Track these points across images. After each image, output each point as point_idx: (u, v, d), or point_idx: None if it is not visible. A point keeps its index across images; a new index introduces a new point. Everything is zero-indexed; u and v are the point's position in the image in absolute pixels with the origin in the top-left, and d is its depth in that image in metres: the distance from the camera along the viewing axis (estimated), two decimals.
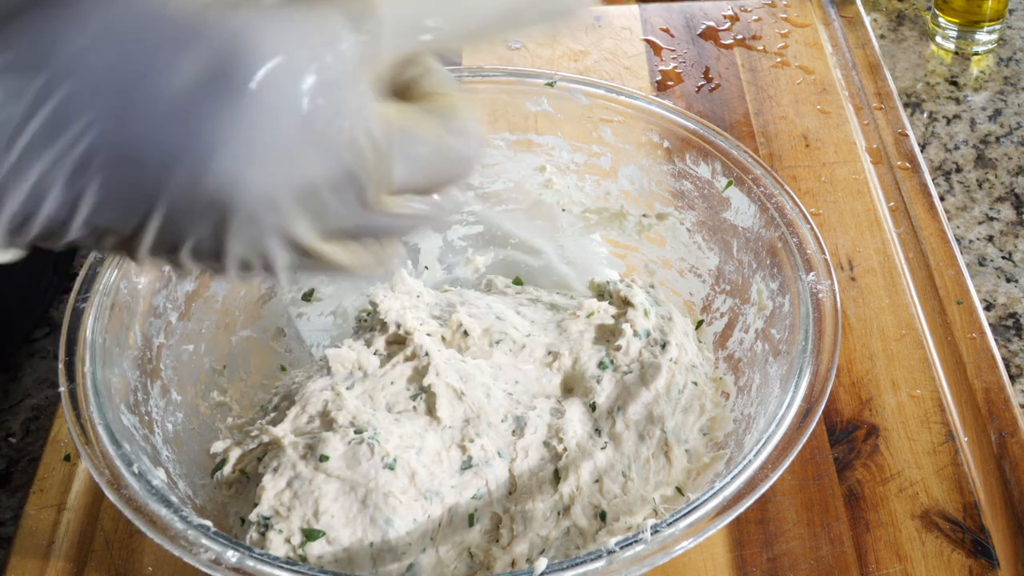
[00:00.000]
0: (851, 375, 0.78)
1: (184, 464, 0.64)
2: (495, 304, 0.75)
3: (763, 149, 0.97)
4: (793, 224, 0.69)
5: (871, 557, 0.68)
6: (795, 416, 0.59)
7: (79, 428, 0.58)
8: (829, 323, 0.63)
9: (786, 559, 0.68)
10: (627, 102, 0.77)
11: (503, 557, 0.62)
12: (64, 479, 0.73)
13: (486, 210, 0.84)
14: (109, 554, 0.69)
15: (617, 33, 1.12)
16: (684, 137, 0.75)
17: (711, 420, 0.70)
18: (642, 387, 0.69)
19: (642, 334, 0.71)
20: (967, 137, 1.02)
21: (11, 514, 0.76)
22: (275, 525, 0.61)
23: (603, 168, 0.80)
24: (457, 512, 0.64)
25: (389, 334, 0.69)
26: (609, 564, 0.52)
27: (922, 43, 1.14)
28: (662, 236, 0.79)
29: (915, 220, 0.89)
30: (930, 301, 0.83)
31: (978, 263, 0.91)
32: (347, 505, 0.61)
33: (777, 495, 0.71)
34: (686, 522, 0.54)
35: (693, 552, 0.68)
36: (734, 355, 0.72)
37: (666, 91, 1.04)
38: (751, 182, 0.72)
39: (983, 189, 0.97)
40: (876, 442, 0.74)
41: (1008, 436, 0.74)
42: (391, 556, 0.61)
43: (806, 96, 1.02)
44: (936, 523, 0.69)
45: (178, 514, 0.54)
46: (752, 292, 0.72)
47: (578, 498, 0.65)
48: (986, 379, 0.77)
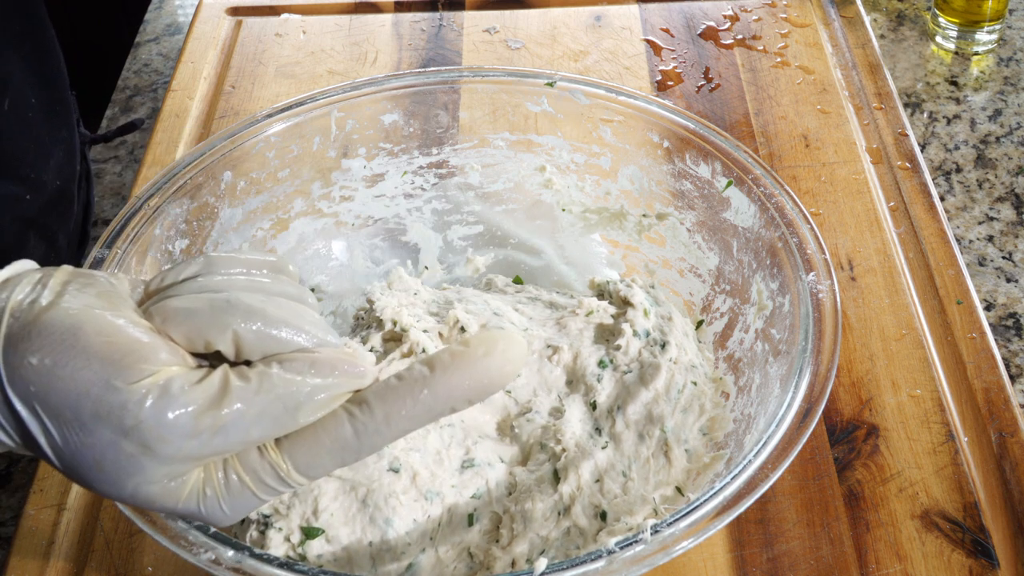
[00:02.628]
0: (851, 375, 0.78)
1: None
2: (493, 301, 0.75)
3: (763, 149, 0.97)
4: (793, 224, 0.69)
5: (871, 557, 0.68)
6: (795, 416, 0.59)
7: None
8: (829, 323, 0.63)
9: (786, 559, 0.68)
10: (627, 102, 0.77)
11: (503, 557, 0.62)
12: (64, 479, 0.73)
13: (486, 210, 0.84)
14: (109, 554, 0.69)
15: (617, 33, 1.12)
16: (684, 137, 0.75)
17: (711, 420, 0.70)
18: (641, 387, 0.69)
19: (642, 334, 0.72)
20: (967, 137, 1.02)
21: (11, 514, 0.76)
22: (274, 523, 0.61)
23: (603, 168, 0.80)
24: (457, 512, 0.64)
25: (385, 331, 0.69)
26: (609, 564, 0.52)
27: (922, 43, 1.14)
28: (662, 236, 0.79)
29: (915, 220, 0.89)
30: (930, 301, 0.83)
31: (978, 263, 0.91)
32: (346, 504, 0.61)
33: (777, 495, 0.71)
34: (686, 522, 0.54)
35: (693, 552, 0.68)
36: (734, 355, 0.72)
37: (666, 91, 1.04)
38: (751, 182, 0.72)
39: (983, 189, 0.97)
40: (876, 442, 0.74)
41: (1008, 436, 0.74)
42: (390, 556, 0.61)
43: (806, 96, 1.02)
44: (936, 523, 0.69)
45: None
46: (752, 292, 0.72)
47: (578, 498, 0.65)
48: (986, 379, 0.77)
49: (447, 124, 0.81)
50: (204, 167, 0.72)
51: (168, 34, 1.21)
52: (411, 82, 0.79)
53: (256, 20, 1.15)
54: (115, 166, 1.05)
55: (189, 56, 1.10)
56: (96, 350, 0.44)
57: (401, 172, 0.82)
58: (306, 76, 1.07)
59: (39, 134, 0.87)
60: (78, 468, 0.45)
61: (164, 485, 0.46)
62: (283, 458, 0.47)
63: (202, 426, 0.45)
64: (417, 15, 1.15)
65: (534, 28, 1.13)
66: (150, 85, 1.14)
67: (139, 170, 0.96)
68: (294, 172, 0.78)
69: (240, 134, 0.74)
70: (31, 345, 0.44)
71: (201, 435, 0.45)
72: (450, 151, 0.82)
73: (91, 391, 0.44)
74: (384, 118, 0.80)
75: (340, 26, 1.14)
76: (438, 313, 0.73)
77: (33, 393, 0.44)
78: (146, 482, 0.46)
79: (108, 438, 0.44)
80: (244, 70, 1.08)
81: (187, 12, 1.24)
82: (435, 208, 0.83)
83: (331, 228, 0.81)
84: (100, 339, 0.45)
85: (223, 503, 0.47)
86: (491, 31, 1.12)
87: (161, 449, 0.45)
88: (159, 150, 0.98)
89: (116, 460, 0.45)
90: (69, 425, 0.44)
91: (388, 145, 0.81)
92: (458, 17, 1.14)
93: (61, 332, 0.44)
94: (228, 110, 1.03)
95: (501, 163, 0.82)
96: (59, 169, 0.90)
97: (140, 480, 0.45)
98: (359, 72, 1.07)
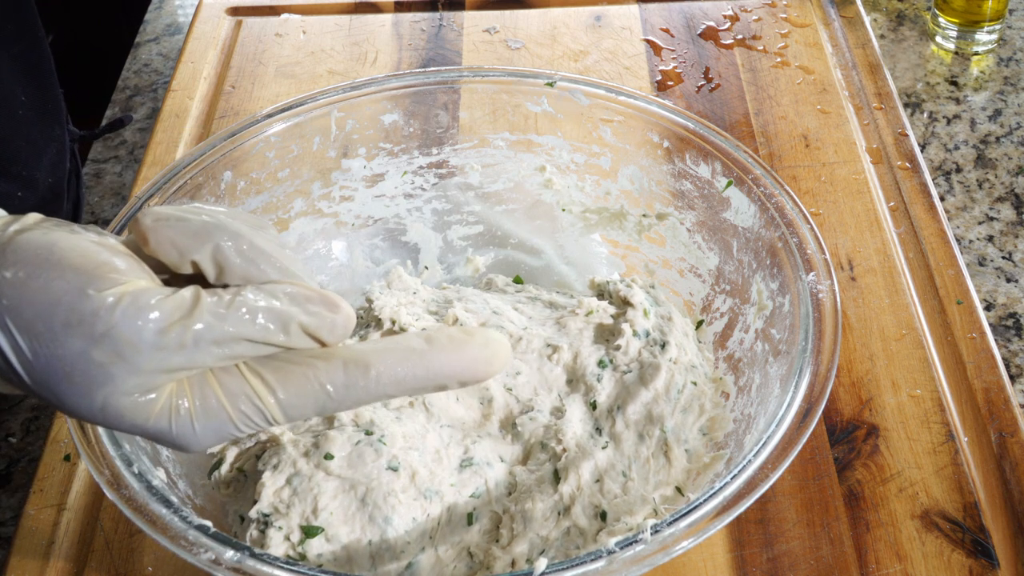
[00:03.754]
0: (851, 375, 0.78)
1: (184, 464, 0.64)
2: (492, 300, 0.75)
3: (763, 149, 0.97)
4: (793, 224, 0.69)
5: (871, 557, 0.68)
6: (795, 416, 0.59)
7: (79, 428, 0.58)
8: (829, 323, 0.63)
9: (786, 559, 0.68)
10: (627, 102, 0.77)
11: (503, 557, 0.62)
12: (64, 479, 0.73)
13: (486, 210, 0.84)
14: (109, 554, 0.69)
15: (617, 33, 1.12)
16: (684, 137, 0.75)
17: (711, 420, 0.70)
18: (641, 387, 0.69)
19: (641, 334, 0.72)
20: (967, 137, 1.02)
21: (11, 514, 0.76)
22: (275, 522, 0.61)
23: (603, 168, 0.80)
24: (456, 511, 0.64)
25: (384, 330, 0.70)
26: (609, 564, 0.52)
27: (922, 43, 1.14)
28: (662, 236, 0.79)
29: (915, 220, 0.89)
30: (930, 301, 0.83)
31: (978, 263, 0.91)
32: (345, 503, 0.61)
33: (777, 495, 0.71)
34: (686, 522, 0.54)
35: (693, 552, 0.68)
36: (734, 355, 0.72)
37: (666, 91, 1.04)
38: (751, 182, 0.72)
39: (983, 189, 0.97)
40: (876, 442, 0.74)
41: (1008, 436, 0.74)
42: (390, 555, 0.61)
43: (806, 96, 1.02)
44: (936, 523, 0.69)
45: (178, 514, 0.54)
46: (752, 292, 0.72)
47: (578, 498, 0.65)
48: (986, 379, 0.77)
49: (447, 124, 0.81)
50: (204, 167, 0.72)
51: (168, 34, 1.21)
52: (411, 82, 0.79)
53: (256, 20, 1.15)
54: (115, 166, 1.05)
55: (189, 56, 1.10)
56: (70, 262, 0.45)
57: (401, 172, 0.82)
58: (306, 76, 1.07)
59: (31, 132, 0.88)
60: (48, 381, 0.45)
61: (135, 399, 0.46)
62: (267, 390, 0.47)
63: (172, 337, 0.45)
64: (417, 15, 1.15)
65: (534, 28, 1.13)
66: (150, 85, 1.14)
67: (139, 170, 0.96)
68: (294, 172, 0.78)
69: (240, 134, 0.74)
70: (5, 261, 0.45)
71: (171, 346, 0.45)
72: (450, 151, 0.82)
73: (63, 299, 0.44)
74: (384, 118, 0.80)
75: (340, 26, 1.14)
76: (437, 312, 0.73)
77: (5, 307, 0.44)
78: (116, 393, 0.45)
79: (79, 347, 0.44)
80: (244, 70, 1.08)
81: (187, 12, 1.24)
82: (435, 208, 0.83)
83: (331, 228, 0.81)
84: (74, 253, 0.45)
85: (196, 422, 0.47)
86: (491, 31, 1.12)
87: (132, 357, 0.45)
88: (159, 150, 0.98)
89: (86, 370, 0.45)
90: (40, 337, 0.44)
91: (388, 145, 0.81)
92: (458, 17, 1.14)
93: (36, 248, 0.45)
94: (228, 110, 1.03)
95: (501, 163, 0.82)
96: (52, 167, 0.90)
97: (110, 391, 0.45)
98: (359, 72, 1.07)
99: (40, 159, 0.89)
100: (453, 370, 0.49)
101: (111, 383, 0.45)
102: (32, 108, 0.88)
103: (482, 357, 0.50)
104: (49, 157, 0.90)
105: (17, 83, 0.86)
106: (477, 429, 0.68)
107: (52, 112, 0.91)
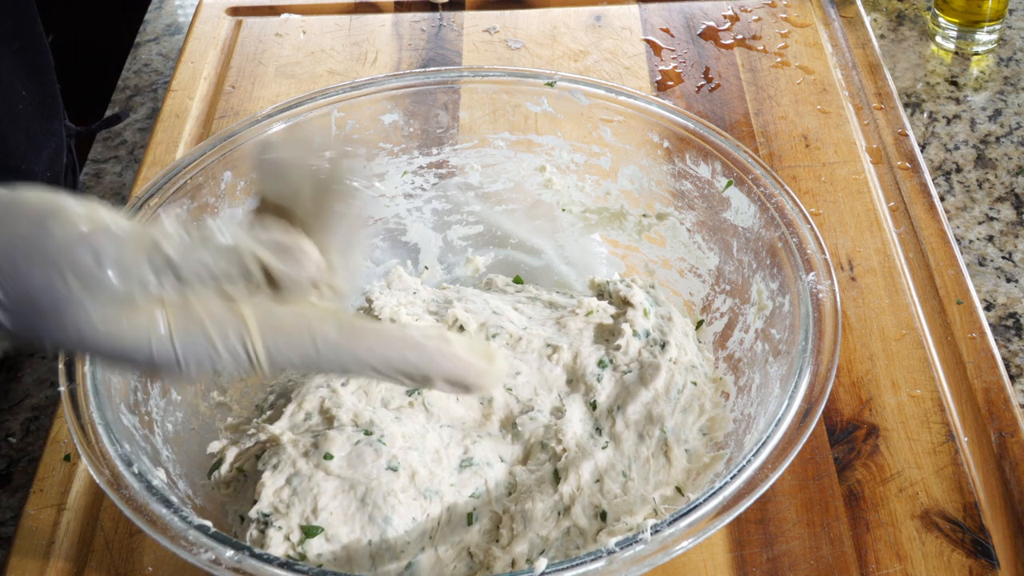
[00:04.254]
0: (851, 375, 0.78)
1: (184, 464, 0.64)
2: (492, 300, 0.75)
3: (763, 149, 0.97)
4: (793, 224, 0.69)
5: (871, 557, 0.68)
6: (795, 416, 0.59)
7: (79, 428, 0.58)
8: (829, 323, 0.63)
9: (786, 559, 0.68)
10: (627, 102, 0.77)
11: (503, 557, 0.62)
12: (64, 479, 0.73)
13: (486, 210, 0.84)
14: (109, 554, 0.69)
15: (617, 33, 1.12)
16: (684, 137, 0.75)
17: (711, 420, 0.70)
18: (641, 387, 0.69)
19: (641, 334, 0.72)
20: (967, 137, 1.02)
21: (11, 514, 0.76)
22: (274, 522, 0.61)
23: (603, 168, 0.80)
24: (456, 511, 0.64)
25: None
26: (609, 564, 0.52)
27: (922, 43, 1.14)
28: (662, 236, 0.79)
29: (915, 220, 0.89)
30: (930, 301, 0.83)
31: (978, 263, 0.91)
32: (345, 503, 0.61)
33: (777, 495, 0.71)
34: (686, 522, 0.54)
35: (693, 552, 0.68)
36: (734, 355, 0.72)
37: (666, 91, 1.04)
38: (751, 182, 0.72)
39: (983, 189, 0.97)
40: (876, 442, 0.74)
41: (1008, 436, 0.74)
42: (390, 555, 0.61)
43: (806, 96, 1.02)
44: (936, 523, 0.69)
45: (178, 514, 0.54)
46: (752, 292, 0.72)
47: (578, 498, 0.65)
48: (986, 379, 0.77)
49: (447, 124, 0.81)
50: (204, 167, 0.72)
51: (168, 34, 1.21)
52: (411, 82, 0.79)
53: (256, 20, 1.15)
54: (115, 166, 1.05)
55: (189, 56, 1.10)
56: (34, 203, 0.46)
57: (401, 172, 0.82)
58: (306, 76, 1.07)
59: (31, 128, 0.88)
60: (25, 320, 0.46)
61: (109, 325, 0.46)
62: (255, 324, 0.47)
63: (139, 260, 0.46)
64: (417, 15, 1.15)
65: (534, 28, 1.13)
66: (150, 85, 1.14)
67: (139, 170, 0.96)
68: None
69: (240, 134, 0.74)
70: None
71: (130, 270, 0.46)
72: (450, 151, 0.82)
73: (23, 233, 0.45)
74: (384, 118, 0.80)
75: (340, 26, 1.14)
76: (437, 312, 0.73)
77: None
78: (90, 321, 0.46)
79: (43, 279, 0.45)
80: (244, 70, 1.08)
81: (187, 12, 1.24)
82: (435, 208, 0.83)
83: None
84: (34, 196, 0.46)
85: (176, 340, 0.47)
86: (491, 31, 1.12)
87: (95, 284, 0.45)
88: (159, 150, 0.98)
89: (54, 301, 0.45)
90: (5, 274, 0.45)
91: (388, 145, 0.81)
92: (458, 17, 1.14)
93: (2, 199, 0.46)
94: (228, 110, 1.03)
95: (501, 163, 0.82)
96: (50, 162, 0.91)
97: (83, 319, 0.45)
98: (359, 72, 1.07)
99: (39, 154, 0.89)
100: (443, 367, 0.50)
101: (81, 310, 0.45)
102: (32, 103, 0.88)
103: (476, 364, 0.50)
104: (48, 152, 0.90)
105: (17, 79, 0.86)
106: (477, 429, 0.68)
107: (51, 107, 0.91)
